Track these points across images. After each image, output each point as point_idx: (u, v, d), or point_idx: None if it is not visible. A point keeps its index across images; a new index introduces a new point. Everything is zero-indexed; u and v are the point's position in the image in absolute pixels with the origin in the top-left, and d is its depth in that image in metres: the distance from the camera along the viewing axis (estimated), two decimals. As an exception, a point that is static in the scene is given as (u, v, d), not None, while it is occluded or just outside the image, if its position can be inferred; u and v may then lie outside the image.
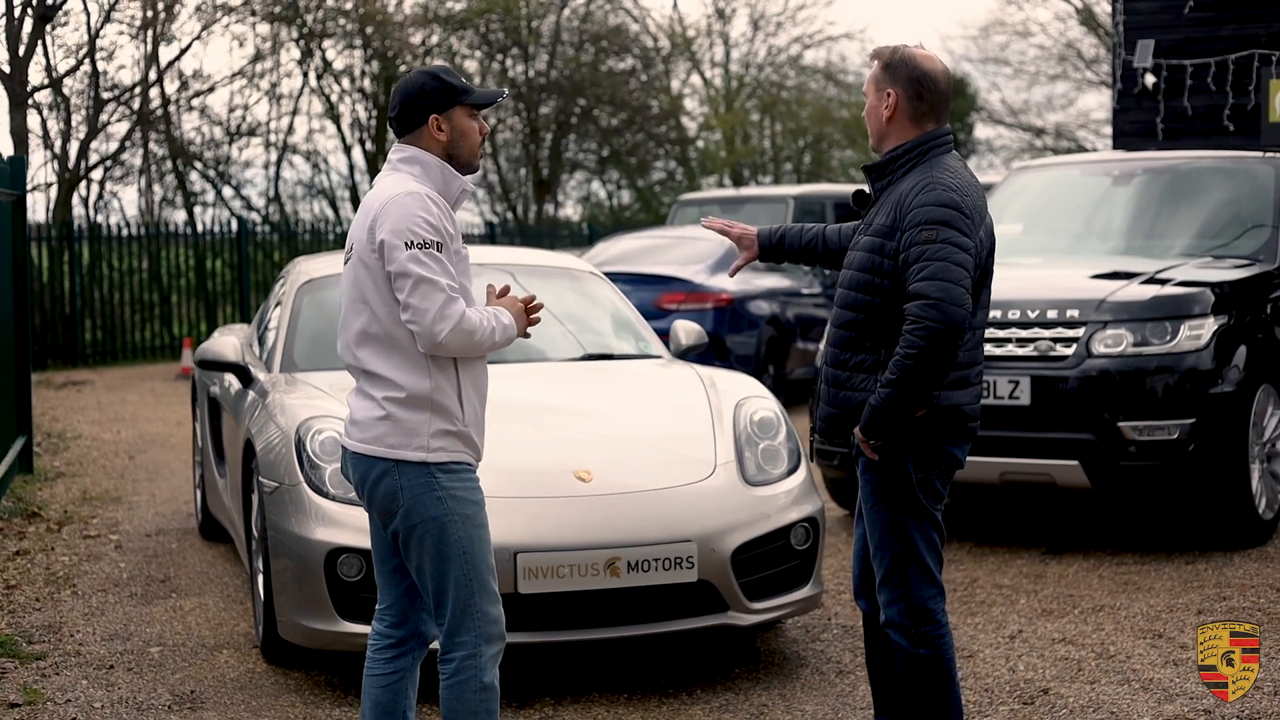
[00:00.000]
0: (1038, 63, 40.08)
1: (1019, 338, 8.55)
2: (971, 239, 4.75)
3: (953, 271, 4.65)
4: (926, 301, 4.63)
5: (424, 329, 4.42)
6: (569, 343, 7.88)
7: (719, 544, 6.23)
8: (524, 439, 6.64)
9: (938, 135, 4.92)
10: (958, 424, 4.88)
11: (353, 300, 4.57)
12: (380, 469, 4.51)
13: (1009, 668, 6.62)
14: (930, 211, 4.71)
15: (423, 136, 4.65)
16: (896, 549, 4.92)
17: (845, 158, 39.56)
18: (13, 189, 11.45)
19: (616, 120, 34.07)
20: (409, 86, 4.67)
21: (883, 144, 4.98)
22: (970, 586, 8.01)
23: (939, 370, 4.67)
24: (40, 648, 7.03)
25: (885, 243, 4.80)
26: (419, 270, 4.41)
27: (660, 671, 6.61)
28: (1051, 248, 10.13)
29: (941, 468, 4.92)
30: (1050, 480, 8.49)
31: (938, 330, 4.61)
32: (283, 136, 29.66)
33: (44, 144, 24.93)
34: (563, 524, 6.12)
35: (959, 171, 4.85)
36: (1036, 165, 11.10)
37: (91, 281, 22.98)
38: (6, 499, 10.53)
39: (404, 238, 4.43)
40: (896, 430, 4.79)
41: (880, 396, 4.73)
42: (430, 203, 4.50)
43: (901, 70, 4.91)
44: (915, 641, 4.94)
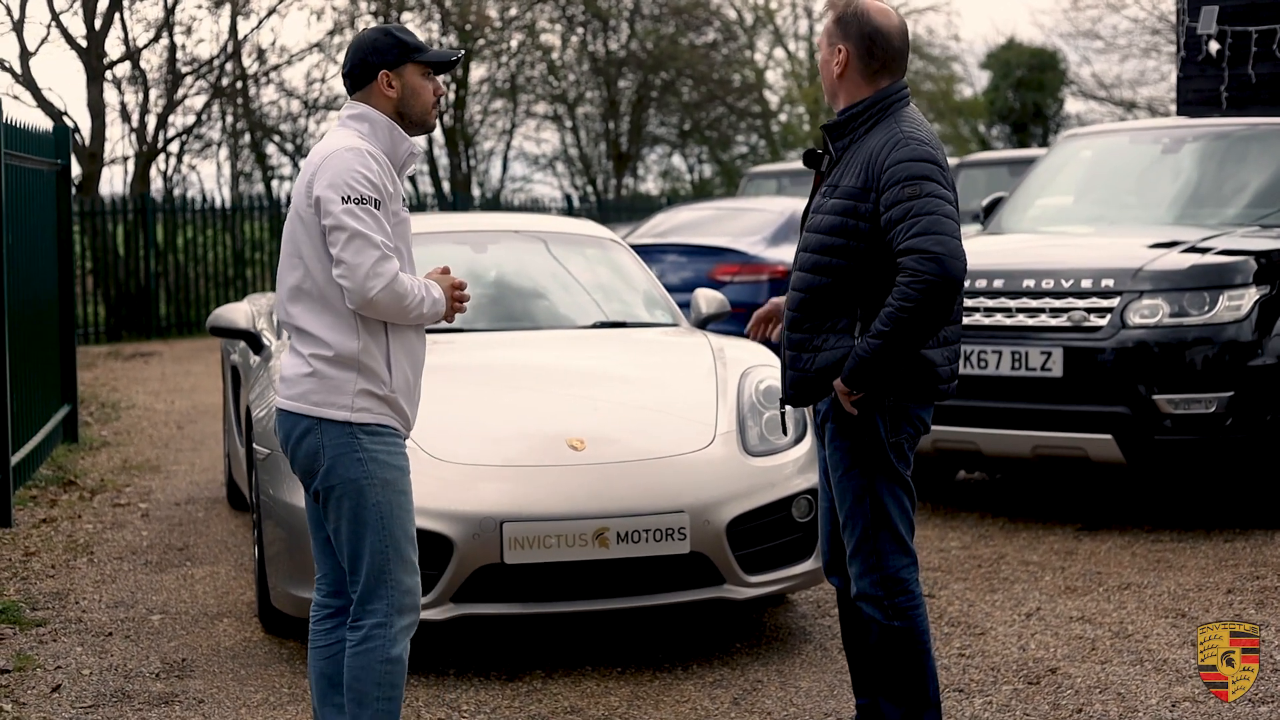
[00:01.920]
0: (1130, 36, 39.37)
1: (1052, 308, 8.31)
2: (951, 191, 4.57)
3: (945, 224, 4.47)
4: (925, 255, 4.43)
5: (356, 284, 4.30)
6: (582, 310, 7.74)
7: (713, 515, 6.07)
8: (520, 406, 6.52)
9: (896, 89, 4.74)
10: (930, 384, 4.68)
11: (288, 255, 4.46)
12: (304, 426, 4.41)
13: (1020, 646, 6.42)
14: (909, 168, 4.53)
15: (373, 93, 4.54)
16: (868, 516, 4.74)
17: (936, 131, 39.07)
18: (56, 159, 11.45)
19: (698, 94, 33.84)
20: (361, 42, 4.57)
21: (835, 100, 4.81)
22: (996, 563, 7.79)
23: (932, 325, 4.48)
24: (43, 614, 7.00)
25: (858, 204, 4.61)
26: (354, 224, 4.30)
27: (658, 644, 6.47)
28: (1101, 217, 9.86)
29: (910, 430, 4.73)
30: (1083, 454, 8.25)
31: (935, 283, 4.42)
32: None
33: (122, 117, 25.11)
34: (551, 493, 5.98)
35: (923, 124, 4.69)
36: (1085, 133, 10.82)
37: (167, 254, 23.09)
38: (46, 467, 10.55)
39: (340, 191, 4.32)
40: (877, 384, 4.59)
41: (868, 346, 4.53)
42: (370, 159, 4.38)
43: (853, 25, 4.72)
44: (889, 614, 4.77)
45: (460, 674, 6.11)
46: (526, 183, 34.73)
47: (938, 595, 7.20)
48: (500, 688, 5.96)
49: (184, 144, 26.45)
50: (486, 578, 5.91)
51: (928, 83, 37.86)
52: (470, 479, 6.01)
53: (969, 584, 7.40)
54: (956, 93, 38.96)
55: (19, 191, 9.83)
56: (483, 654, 6.34)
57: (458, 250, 7.98)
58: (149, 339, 21.97)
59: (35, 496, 9.62)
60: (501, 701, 5.81)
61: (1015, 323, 8.38)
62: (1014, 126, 36.74)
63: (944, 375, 4.72)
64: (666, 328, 7.73)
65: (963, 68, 40.83)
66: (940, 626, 6.71)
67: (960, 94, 39.35)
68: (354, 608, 4.47)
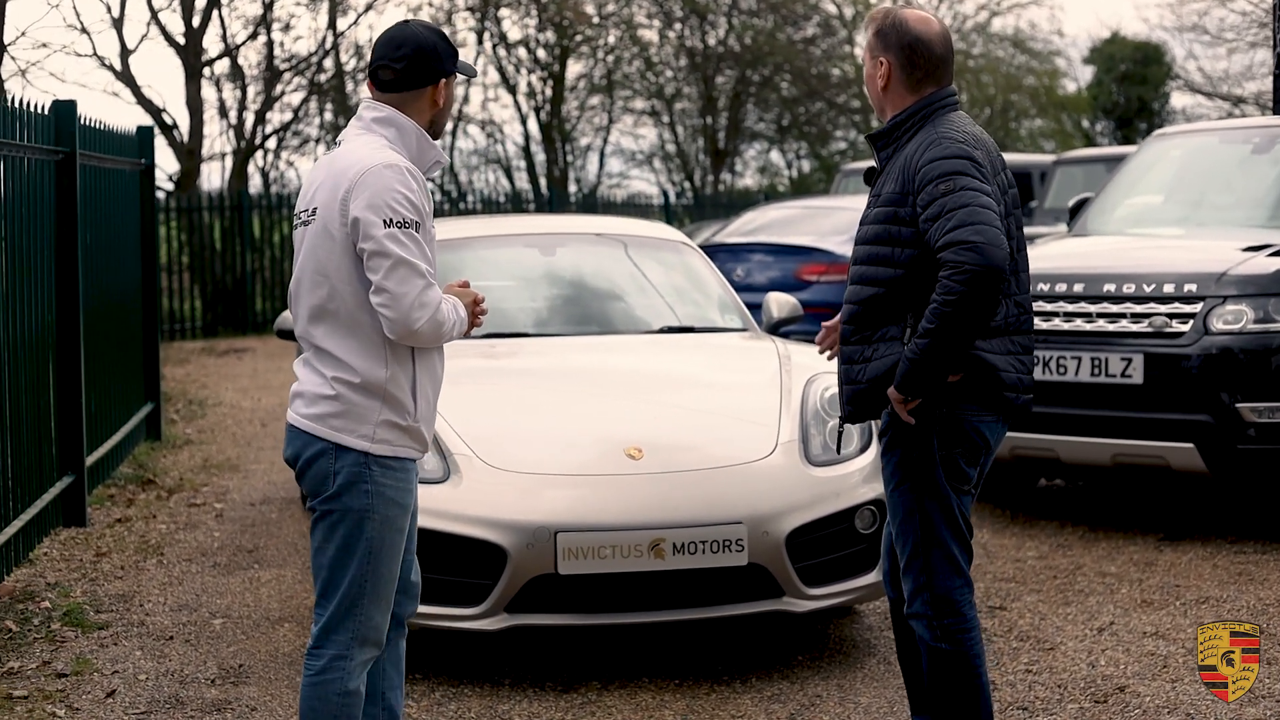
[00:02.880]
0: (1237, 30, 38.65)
1: (1133, 313, 8.11)
2: (990, 185, 4.42)
3: (981, 214, 4.33)
4: (964, 245, 4.29)
5: (400, 315, 4.12)
6: (650, 314, 7.65)
7: (772, 526, 5.95)
8: (579, 414, 6.44)
9: (940, 96, 4.61)
10: (991, 388, 4.52)
11: (311, 271, 4.25)
12: (317, 448, 4.24)
13: (1089, 662, 6.25)
14: (941, 165, 4.40)
15: (421, 98, 4.34)
16: (918, 533, 4.61)
17: (1035, 127, 38.62)
18: (140, 158, 11.52)
19: (796, 89, 33.62)
20: (421, 42, 4.32)
21: (883, 113, 4.71)
22: (1072, 574, 7.62)
23: (978, 318, 4.33)
24: (107, 617, 7.01)
25: (898, 210, 4.50)
26: (399, 251, 4.10)
27: (718, 656, 6.36)
28: (1189, 219, 9.63)
29: (966, 445, 4.57)
30: (1164, 463, 8.05)
31: (977, 273, 4.27)
32: (457, 106, 29.76)
33: (220, 114, 25.32)
34: (606, 503, 5.89)
35: (966, 126, 4.55)
36: (1173, 133, 10.57)
37: (263, 249, 23.24)
38: (127, 465, 10.61)
39: (382, 214, 4.11)
40: (933, 388, 4.45)
41: (916, 348, 4.39)
42: (410, 177, 4.19)
43: (893, 36, 4.61)
44: (936, 634, 4.63)
45: (515, 684, 6.04)
46: (624, 179, 34.68)
47: (1009, 607, 7.04)
48: (554, 699, 5.88)
49: (281, 140, 26.63)
50: (541, 588, 5.83)
51: (1030, 77, 37.41)
52: (525, 488, 5.94)
53: (1042, 596, 7.23)
54: (1060, 88, 38.46)
55: (99, 191, 9.89)
56: (538, 665, 6.26)
57: (527, 253, 7.92)
58: (244, 335, 22.13)
59: (113, 495, 9.67)
60: (555, 714, 5.73)
61: (1095, 328, 8.20)
62: (1118, 122, 36.24)
63: (1009, 382, 4.55)
64: (735, 333, 7.62)
65: (1066, 62, 40.31)
66: (1009, 641, 6.56)
67: (1064, 89, 38.84)
68: (316, 633, 4.31)
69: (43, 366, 8.38)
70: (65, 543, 8.39)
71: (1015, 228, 4.60)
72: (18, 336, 7.82)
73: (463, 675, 6.14)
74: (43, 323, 8.39)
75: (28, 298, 8.07)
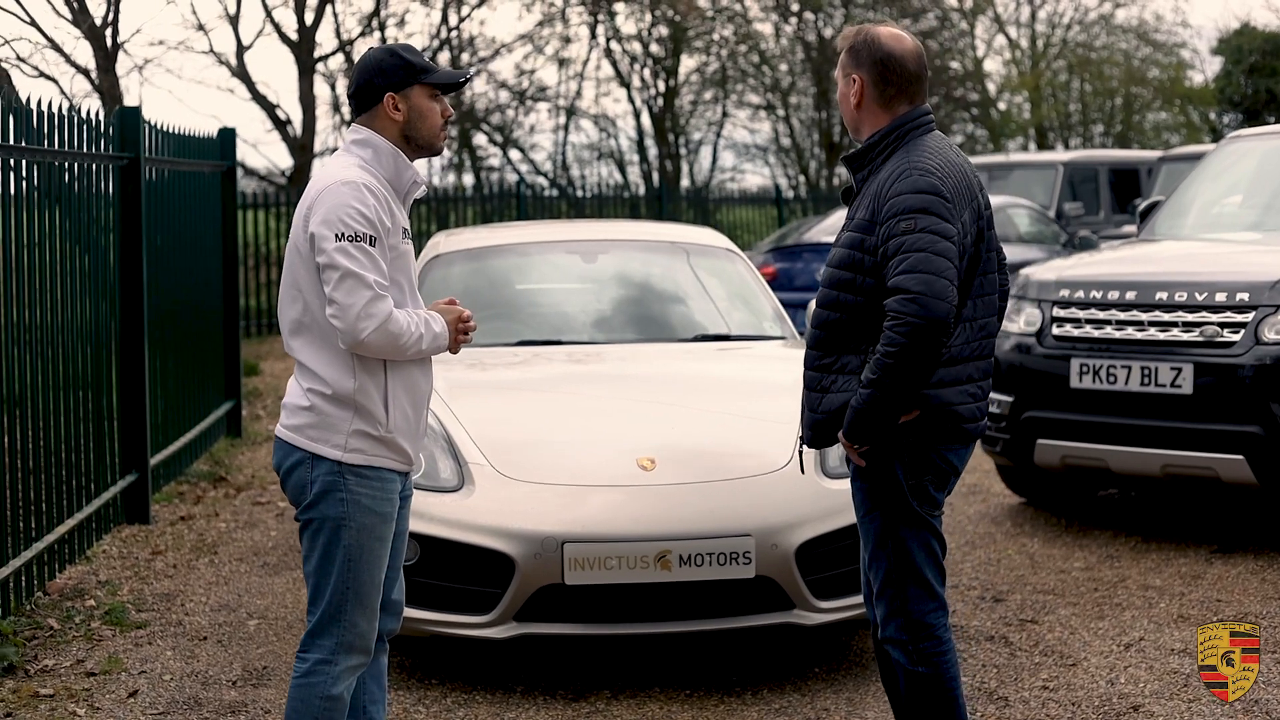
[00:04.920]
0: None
1: (1185, 321, 7.99)
2: (954, 224, 4.38)
3: (934, 262, 4.30)
4: (906, 295, 4.29)
5: (347, 326, 4.26)
6: (685, 323, 7.67)
7: (782, 539, 5.95)
8: (596, 423, 6.48)
9: (914, 117, 4.58)
10: (950, 425, 4.51)
11: (288, 286, 4.43)
12: (296, 458, 4.40)
13: (1108, 680, 6.18)
14: (907, 200, 4.37)
15: (378, 116, 4.49)
16: (891, 560, 4.60)
17: (1159, 120, 37.99)
18: (221, 160, 11.72)
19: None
20: (366, 63, 4.52)
21: (859, 132, 4.67)
22: (1114, 587, 7.53)
23: (921, 369, 4.33)
24: (147, 616, 7.16)
25: (865, 238, 4.47)
26: (346, 263, 4.25)
27: (732, 667, 6.37)
28: (1264, 223, 9.43)
29: (934, 473, 4.56)
30: (1214, 475, 7.92)
31: (918, 326, 4.27)
32: (570, 100, 29.92)
33: (333, 109, 25.64)
34: (613, 514, 5.92)
35: (940, 151, 4.50)
36: (1250, 135, 10.37)
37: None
38: (203, 462, 10.81)
39: (334, 228, 4.27)
40: (881, 434, 4.45)
41: (861, 398, 4.40)
42: (367, 193, 4.33)
43: (864, 53, 4.58)
44: (914, 658, 4.62)
45: (526, 693, 6.09)
46: (737, 173, 34.63)
47: (1041, 621, 6.98)
48: (564, 708, 5.93)
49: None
50: (548, 597, 5.88)
51: (1154, 69, 36.81)
52: (534, 498, 5.99)
53: (1078, 609, 7.15)
54: (1186, 79, 37.82)
55: (173, 194, 10.08)
56: (548, 673, 6.31)
57: (568, 259, 7.96)
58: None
59: (183, 492, 9.86)
60: (561, 722, 5.79)
61: (1146, 336, 8.08)
62: (1246, 114, 35.48)
63: (965, 415, 4.53)
64: (773, 341, 7.61)
65: (1192, 54, 39.63)
66: (1032, 656, 6.50)
67: (1190, 81, 38.18)
68: (304, 637, 4.47)
69: (105, 366, 8.57)
70: (126, 540, 8.58)
71: (986, 250, 4.56)
72: (78, 336, 8.01)
73: (474, 682, 6.20)
74: (104, 323, 8.58)
75: (91, 298, 8.27)
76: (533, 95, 28.95)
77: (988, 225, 4.57)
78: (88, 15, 20.05)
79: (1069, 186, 19.50)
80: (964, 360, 4.52)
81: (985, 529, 8.84)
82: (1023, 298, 8.80)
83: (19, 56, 22.89)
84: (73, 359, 7.92)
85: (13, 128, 7.10)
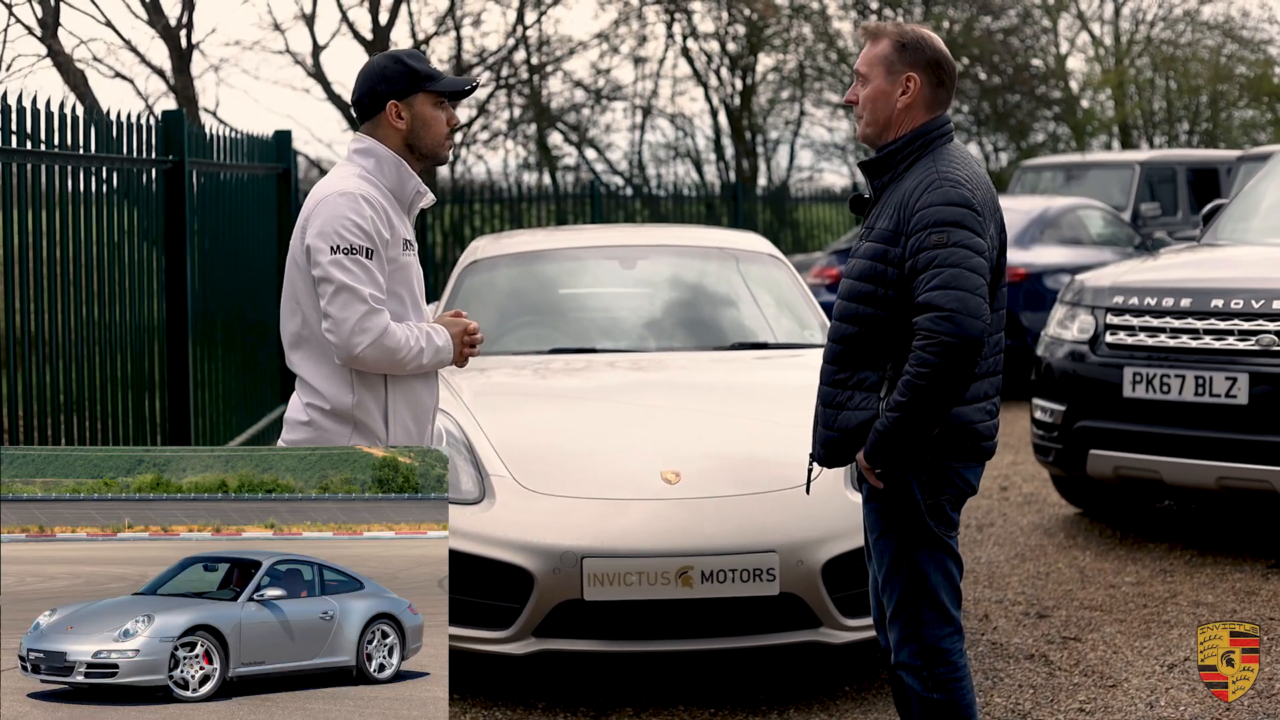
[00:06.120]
0: None
1: (1241, 330, 7.76)
2: (985, 239, 4.23)
3: (967, 279, 4.14)
4: (939, 314, 4.12)
5: (341, 340, 4.18)
6: (722, 330, 7.52)
7: (807, 555, 5.80)
8: (624, 435, 6.35)
9: (941, 123, 4.41)
10: (969, 443, 4.35)
11: (287, 299, 4.37)
12: None
13: (1148, 702, 5.99)
14: (939, 212, 4.20)
15: (381, 125, 4.41)
16: (906, 582, 4.44)
17: (1246, 118, 37.30)
18: (279, 162, 11.69)
19: (996, 80, 32.98)
20: (369, 70, 4.44)
21: (885, 134, 4.46)
22: (1164, 603, 7.31)
23: (954, 390, 4.16)
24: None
25: (889, 249, 4.30)
26: (341, 277, 4.17)
27: (761, 685, 6.23)
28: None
29: (952, 492, 4.40)
30: (1269, 488, 7.68)
31: (953, 345, 4.10)
32: (646, 99, 29.80)
33: (408, 109, 25.61)
34: (634, 528, 5.80)
35: (966, 162, 4.33)
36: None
37: (455, 243, 23.43)
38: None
39: (329, 241, 4.19)
40: (905, 456, 4.30)
41: (887, 420, 4.23)
42: (364, 204, 4.23)
43: (921, 52, 4.39)
44: (928, 685, 4.46)
45: (548, 709, 5.98)
46: (815, 172, 34.37)
47: (1084, 639, 6.79)
48: (585, 725, 5.83)
49: (466, 135, 26.89)
50: (568, 613, 5.76)
51: (1241, 66, 36.15)
52: (555, 511, 5.87)
53: (1124, 627, 6.95)
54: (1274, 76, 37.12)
55: (223, 196, 10.04)
56: (571, 689, 6.19)
57: (606, 265, 7.85)
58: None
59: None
60: (580, 741, 5.68)
61: (1201, 345, 7.86)
62: (1338, 111, 34.89)
63: (984, 432, 4.38)
64: (813, 350, 7.44)
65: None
66: (1071, 676, 6.31)
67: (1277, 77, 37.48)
68: None
69: (147, 368, 8.54)
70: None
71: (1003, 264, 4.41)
72: (120, 337, 8.00)
73: (497, 697, 6.10)
74: (147, 325, 8.55)
75: (133, 301, 8.26)
76: (608, 94, 28.85)
77: (999, 231, 4.41)
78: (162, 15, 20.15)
79: (1146, 187, 19.15)
80: (981, 377, 4.36)
81: (1037, 541, 8.64)
82: (1077, 304, 8.59)
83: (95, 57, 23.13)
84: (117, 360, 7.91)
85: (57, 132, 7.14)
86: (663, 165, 31.00)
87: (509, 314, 7.67)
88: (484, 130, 27.44)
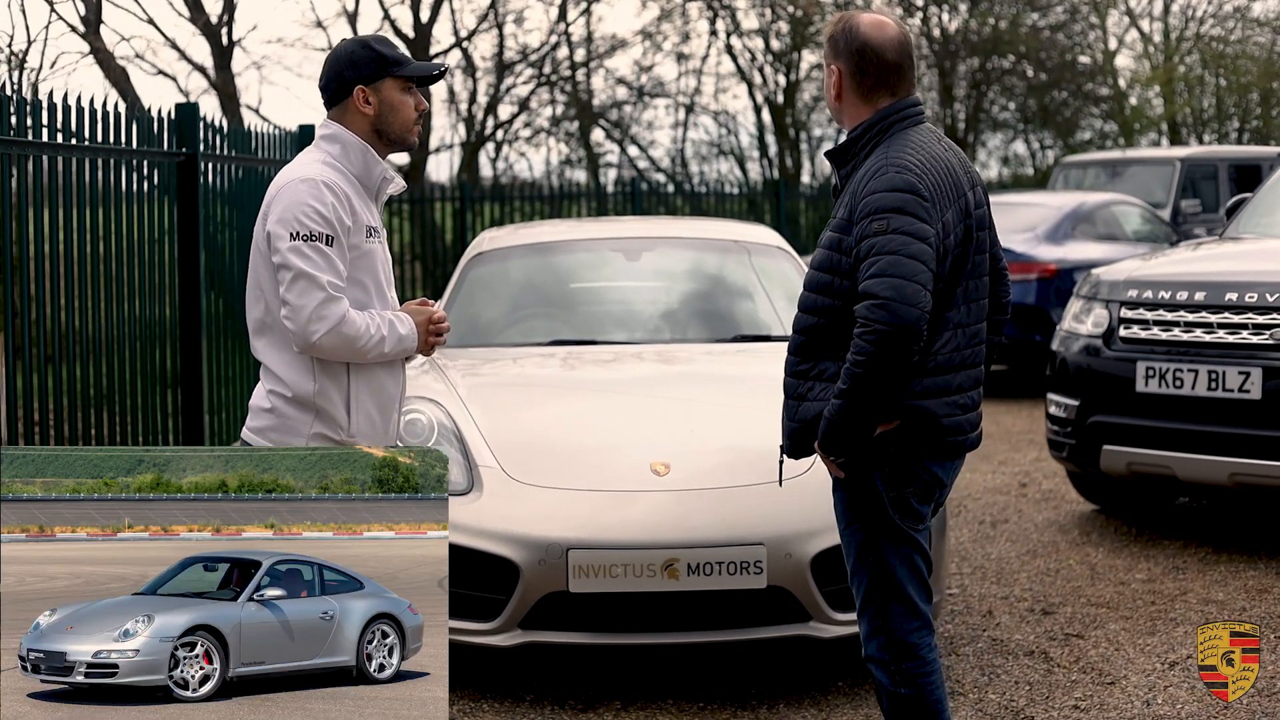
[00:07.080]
0: None
1: (1255, 324, 7.64)
2: (931, 224, 4.13)
3: (905, 265, 4.06)
4: (875, 301, 4.06)
5: (298, 328, 4.15)
6: (725, 323, 7.46)
7: (796, 548, 5.74)
8: (615, 426, 6.31)
9: (898, 109, 4.32)
10: (933, 437, 4.27)
11: (251, 286, 4.34)
12: None
13: (1145, 700, 5.90)
14: (881, 199, 4.12)
15: (348, 110, 4.37)
16: (872, 574, 4.37)
17: (1299, 115, 36.91)
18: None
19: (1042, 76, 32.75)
20: (336, 55, 4.39)
21: (843, 125, 4.43)
22: (1172, 601, 7.21)
23: (891, 378, 4.09)
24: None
25: (843, 238, 4.23)
26: (299, 264, 4.14)
27: (752, 680, 6.17)
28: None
29: (917, 485, 4.32)
30: (1283, 485, 7.57)
31: (886, 333, 4.03)
32: (690, 96, 29.76)
33: (450, 105, 25.69)
34: (620, 520, 5.75)
35: (924, 146, 4.24)
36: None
37: (488, 241, 23.45)
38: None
39: (289, 227, 4.16)
40: (857, 445, 4.23)
41: (833, 408, 4.18)
42: (325, 190, 4.19)
43: (842, 42, 4.33)
44: (895, 679, 4.39)
45: (535, 702, 5.94)
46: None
47: (1088, 636, 6.69)
48: (572, 717, 5.77)
49: (507, 131, 26.92)
50: (554, 605, 5.72)
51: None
52: (541, 502, 5.83)
53: (1129, 624, 6.86)
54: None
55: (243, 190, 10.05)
56: (559, 682, 6.15)
57: (610, 258, 7.80)
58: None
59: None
60: (565, 734, 5.63)
61: (1214, 339, 7.74)
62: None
63: (950, 426, 4.29)
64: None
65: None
66: (1070, 673, 6.23)
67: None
68: None
69: (160, 362, 8.56)
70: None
71: (976, 253, 4.32)
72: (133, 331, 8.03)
73: (483, 690, 6.06)
74: (158, 318, 8.56)
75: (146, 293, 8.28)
76: (651, 91, 28.82)
77: (980, 225, 4.33)
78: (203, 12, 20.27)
79: (1188, 183, 18.96)
80: (952, 369, 4.27)
81: (1050, 537, 8.54)
82: (1092, 298, 8.50)
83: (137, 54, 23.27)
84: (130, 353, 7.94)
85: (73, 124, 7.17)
86: (705, 162, 30.98)
87: (514, 305, 7.63)
88: (526, 127, 27.47)
